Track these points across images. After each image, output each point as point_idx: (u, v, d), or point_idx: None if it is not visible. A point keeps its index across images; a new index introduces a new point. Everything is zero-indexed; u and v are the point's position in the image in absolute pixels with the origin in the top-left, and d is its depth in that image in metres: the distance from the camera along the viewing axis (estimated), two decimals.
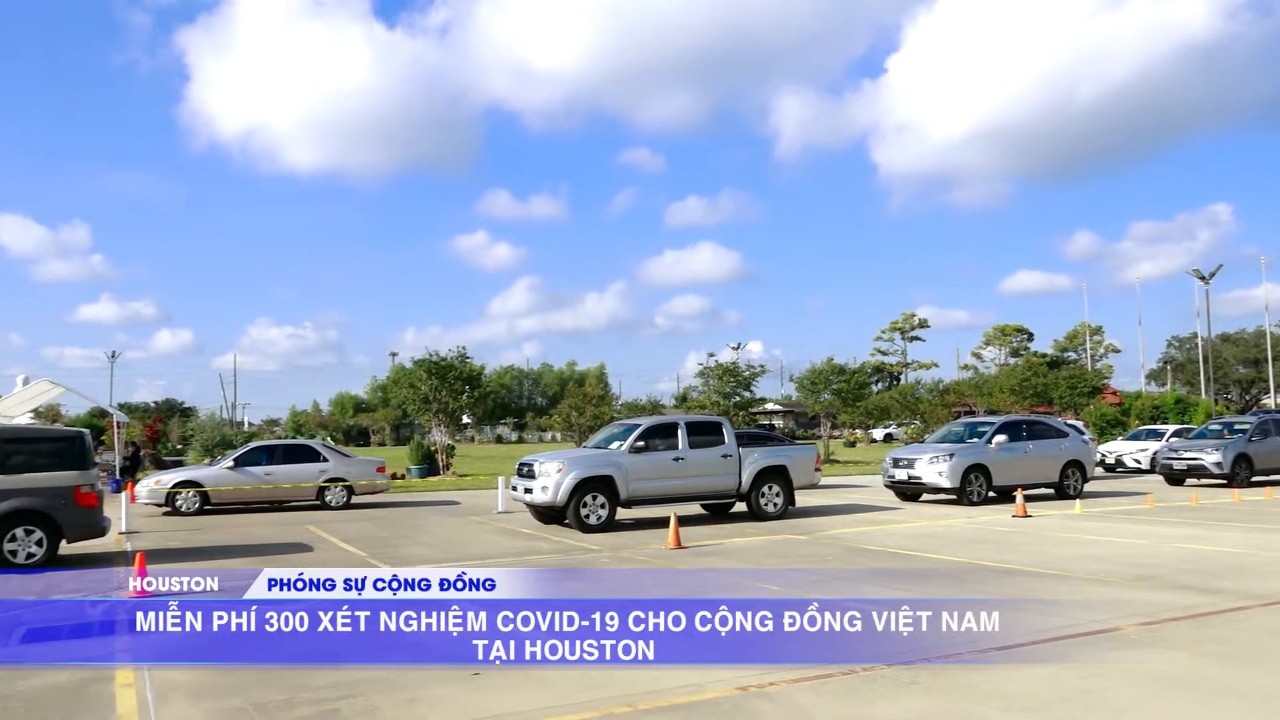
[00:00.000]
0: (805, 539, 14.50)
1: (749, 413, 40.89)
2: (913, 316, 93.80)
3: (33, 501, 11.57)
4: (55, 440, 12.55)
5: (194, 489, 19.50)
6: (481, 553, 13.31)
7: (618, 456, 16.08)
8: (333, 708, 5.92)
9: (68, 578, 11.19)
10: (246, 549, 13.89)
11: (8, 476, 11.54)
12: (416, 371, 33.77)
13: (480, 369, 35.32)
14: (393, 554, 13.16)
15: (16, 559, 11.47)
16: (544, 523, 16.65)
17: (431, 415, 33.65)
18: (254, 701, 6.06)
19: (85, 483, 11.98)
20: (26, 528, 11.55)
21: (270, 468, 20.11)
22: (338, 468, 20.65)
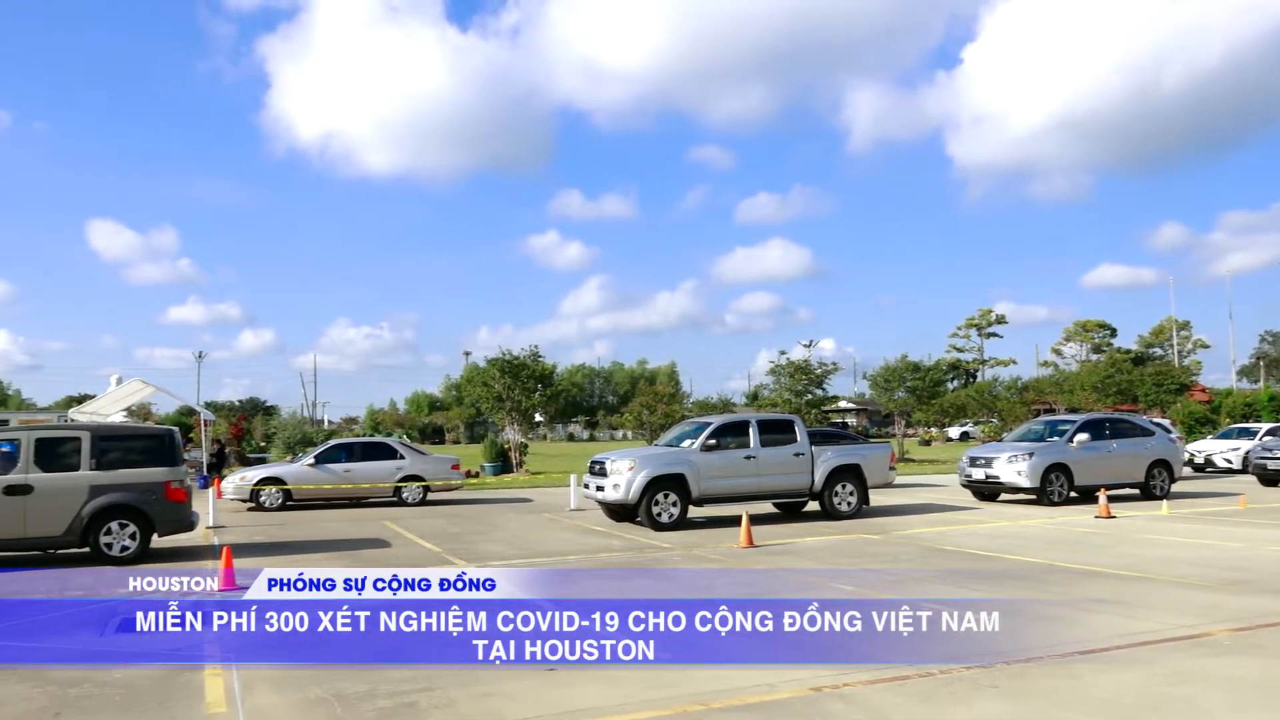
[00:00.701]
0: (879, 539, 14.31)
1: (821, 411, 40.50)
2: (989, 312, 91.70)
3: (126, 496, 12.03)
4: (147, 438, 13.02)
5: (277, 485, 20.05)
6: (554, 549, 13.42)
7: (689, 455, 16.07)
8: (411, 700, 6.04)
9: (159, 571, 11.59)
10: (327, 544, 14.23)
11: (103, 472, 12.02)
12: (490, 370, 34.19)
13: (552, 367, 35.64)
14: (467, 550, 13.35)
15: (112, 552, 11.93)
16: (616, 520, 16.73)
17: (504, 413, 34.04)
18: (335, 692, 6.21)
19: (175, 479, 12.42)
20: (121, 521, 12.01)
21: (349, 465, 20.57)
22: (414, 465, 21.02)
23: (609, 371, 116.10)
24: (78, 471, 11.91)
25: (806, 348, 42.54)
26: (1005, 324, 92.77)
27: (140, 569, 11.59)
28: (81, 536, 11.83)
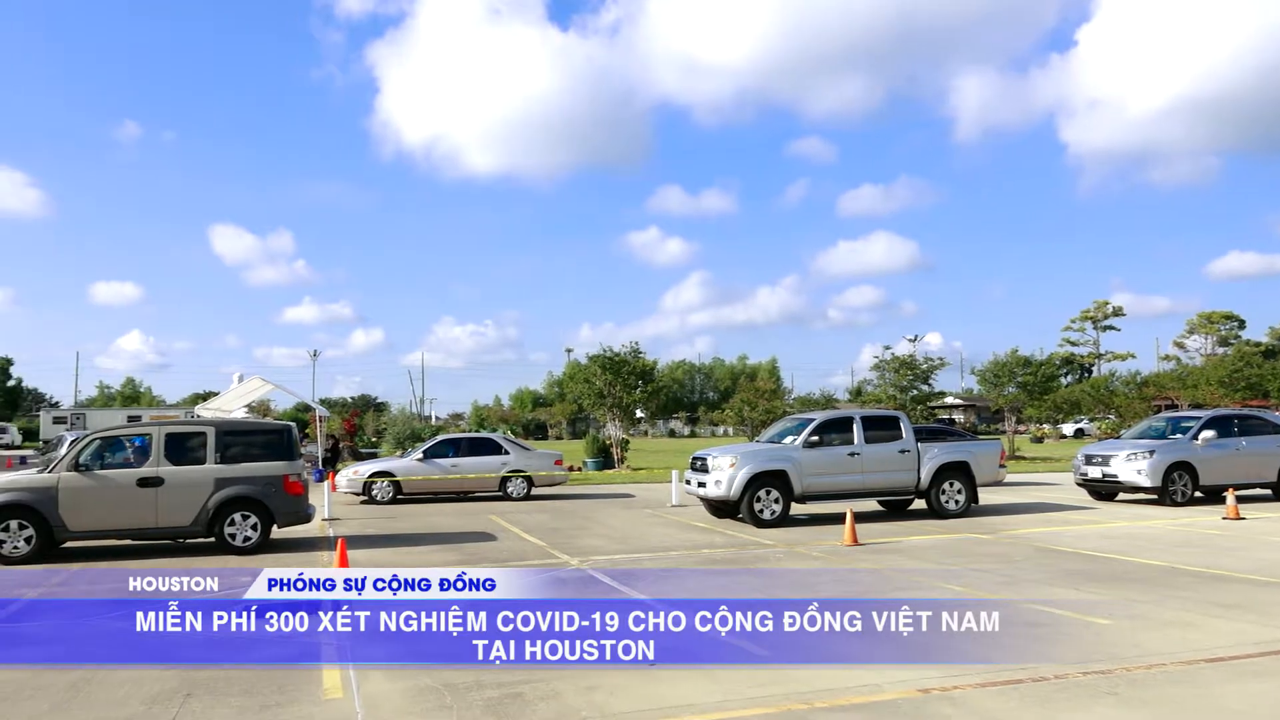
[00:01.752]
0: (989, 538, 13.92)
1: (927, 407, 39.57)
2: (1105, 304, 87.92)
3: (248, 489, 12.59)
4: (266, 433, 13.58)
5: (388, 479, 20.68)
6: (656, 545, 13.48)
7: (791, 451, 15.92)
8: (516, 691, 6.16)
9: (278, 560, 12.11)
10: (436, 536, 14.60)
11: (227, 466, 12.60)
12: (591, 367, 34.51)
13: (653, 364, 35.72)
14: (570, 544, 13.52)
15: (235, 542, 12.50)
16: (717, 517, 16.70)
17: (606, 410, 34.32)
18: (444, 682, 6.37)
19: (293, 472, 12.94)
20: (243, 513, 12.58)
21: (456, 460, 21.06)
22: (518, 460, 21.40)
23: (709, 367, 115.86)
24: (204, 465, 12.52)
25: (912, 342, 41.62)
26: (1123, 316, 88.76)
27: (262, 559, 12.14)
28: (207, 527, 12.43)
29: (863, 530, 14.04)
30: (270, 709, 5.82)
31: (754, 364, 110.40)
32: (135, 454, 12.67)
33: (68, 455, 12.39)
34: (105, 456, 12.55)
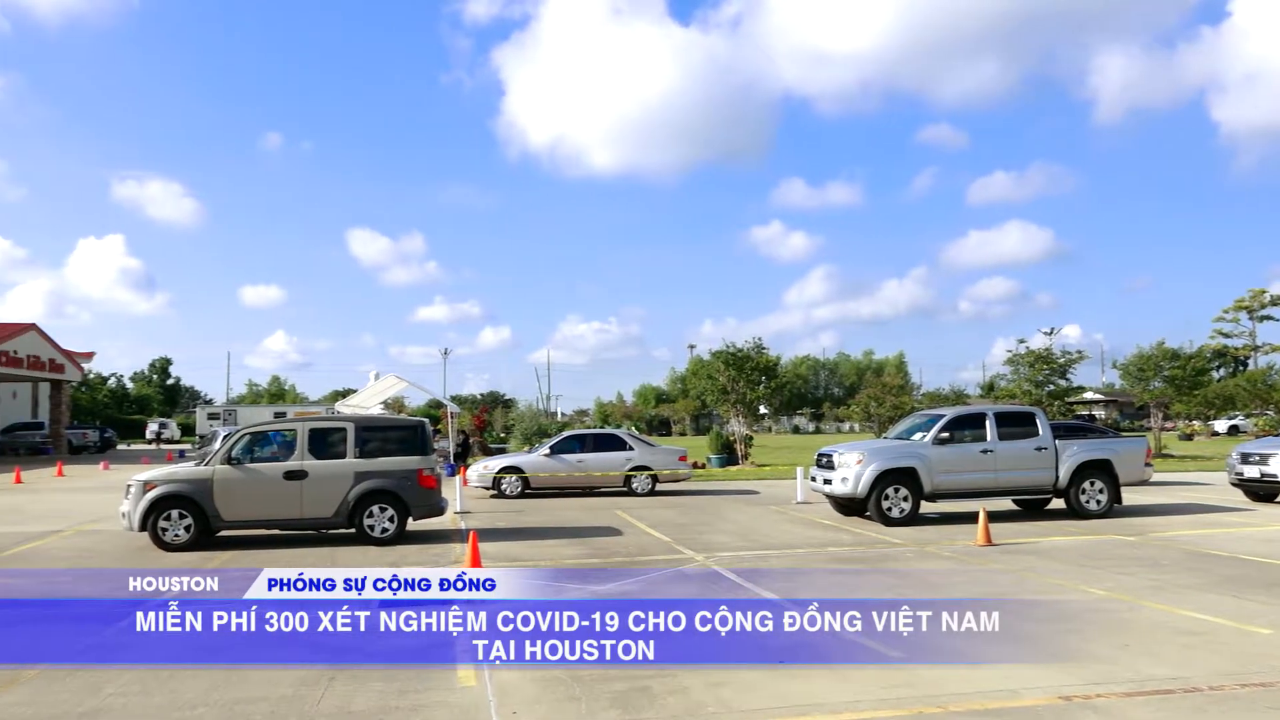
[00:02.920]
0: (1134, 540, 13.26)
1: (1065, 402, 37.90)
2: (1263, 293, 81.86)
3: (385, 482, 13.10)
4: (401, 429, 14.08)
5: (516, 474, 21.14)
6: (781, 542, 13.37)
7: (921, 448, 15.53)
8: (644, 685, 6.22)
9: (413, 551, 12.56)
10: (564, 531, 14.86)
11: (365, 460, 13.14)
12: (714, 363, 34.47)
13: (776, 359, 35.39)
14: (695, 540, 13.55)
15: (374, 533, 13.02)
16: (844, 514, 16.44)
17: (729, 406, 34.22)
18: (573, 674, 6.49)
19: (427, 466, 13.38)
20: (381, 505, 13.08)
21: (582, 455, 21.38)
22: (643, 456, 21.56)
23: (834, 363, 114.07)
24: (344, 460, 13.08)
25: (1048, 335, 39.78)
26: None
27: (399, 549, 12.61)
28: (348, 519, 12.99)
29: (997, 530, 13.59)
30: (409, 694, 6.05)
31: (880, 359, 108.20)
32: (281, 448, 13.34)
33: (221, 449, 13.15)
34: (255, 451, 13.26)
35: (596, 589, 9.72)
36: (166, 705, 5.85)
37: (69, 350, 48.05)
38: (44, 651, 7.23)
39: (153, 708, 5.80)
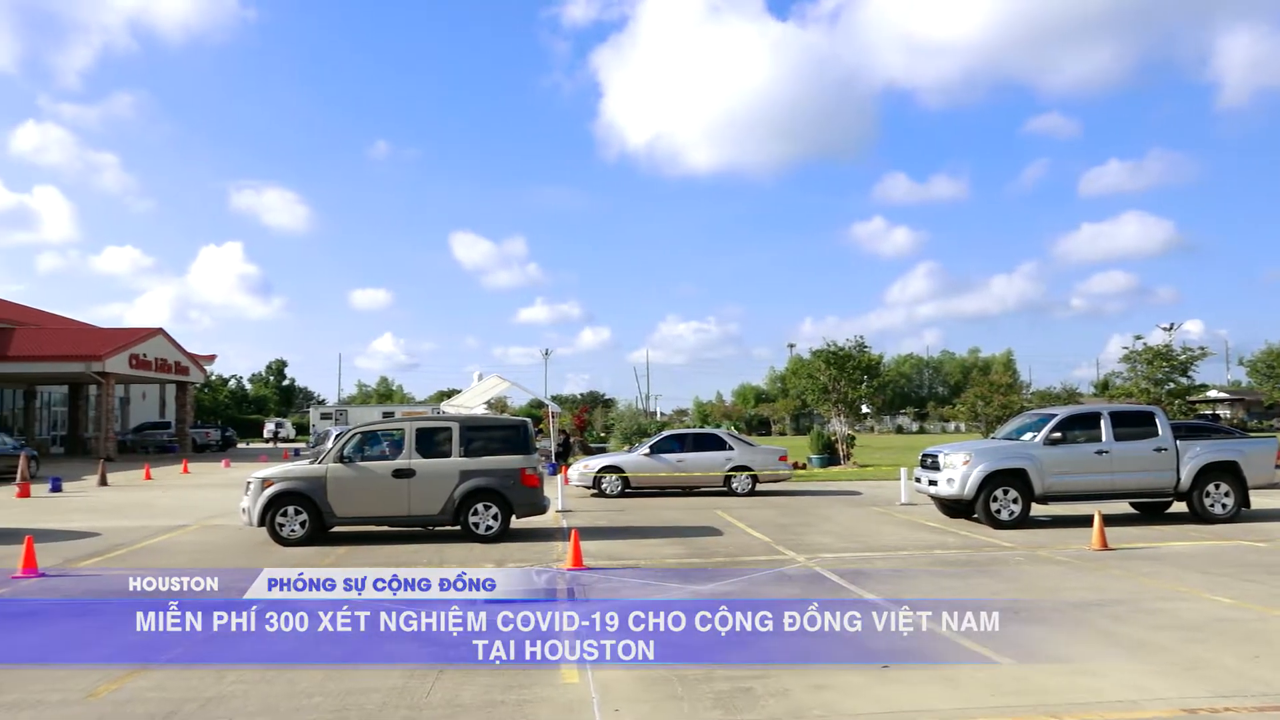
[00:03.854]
0: (1265, 546, 12.58)
1: (1186, 401, 36.17)
2: None
3: (489, 481, 13.36)
4: (504, 428, 14.34)
5: (616, 474, 21.28)
6: (885, 544, 13.13)
7: (1031, 448, 15.05)
8: (746, 686, 6.19)
9: (517, 549, 12.77)
10: (664, 530, 14.90)
11: (469, 459, 13.43)
12: (815, 362, 34.06)
13: (878, 358, 34.77)
14: (797, 541, 13.41)
15: (478, 530, 13.30)
16: (950, 516, 16.05)
17: (830, 405, 33.77)
18: (676, 673, 6.50)
19: (529, 465, 13.60)
20: (485, 503, 13.35)
21: (682, 455, 21.39)
22: (743, 456, 21.44)
23: (939, 361, 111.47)
24: (450, 458, 13.39)
25: (1167, 331, 37.98)
26: None
27: (503, 547, 12.85)
28: (454, 516, 13.29)
29: (1113, 534, 13.07)
30: (513, 689, 6.15)
31: (987, 357, 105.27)
32: (390, 447, 13.73)
33: (334, 448, 13.62)
34: (365, 450, 13.69)
35: (698, 589, 9.73)
36: (284, 694, 6.09)
37: (193, 353, 50.45)
38: (173, 640, 7.61)
39: (272, 696, 6.05)
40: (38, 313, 52.76)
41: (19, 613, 8.79)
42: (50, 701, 5.96)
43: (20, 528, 15.07)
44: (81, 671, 6.68)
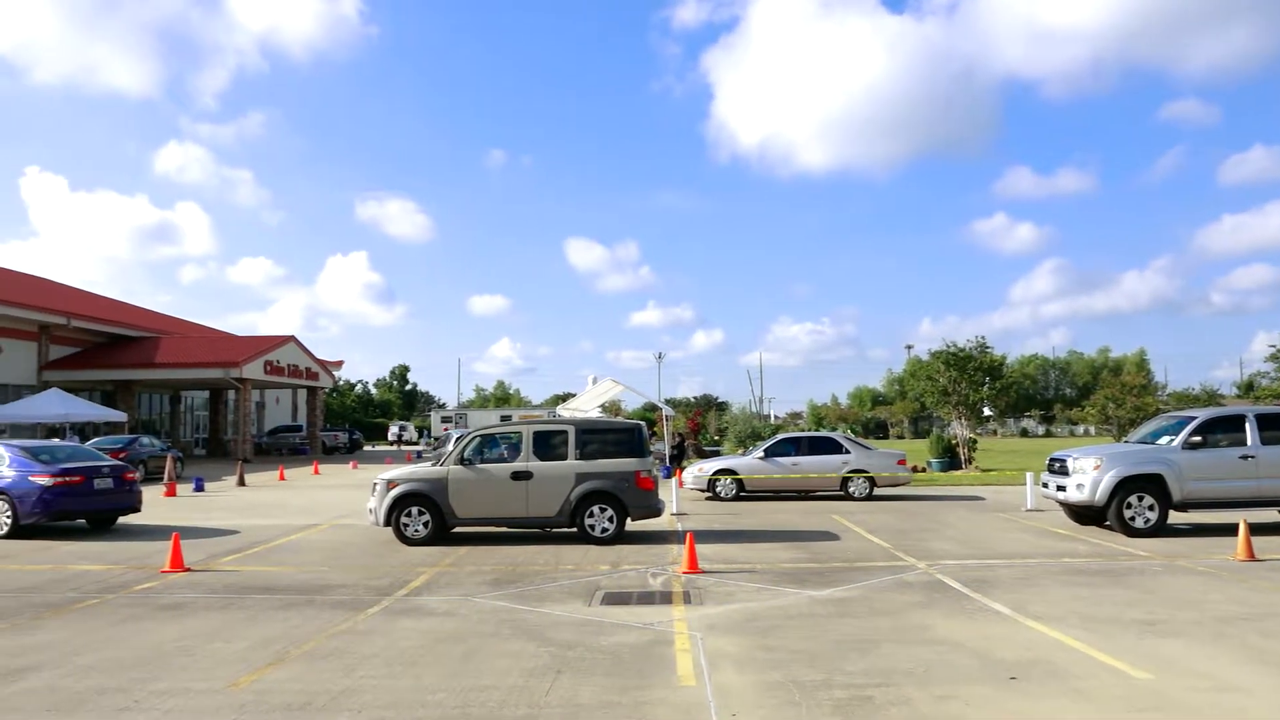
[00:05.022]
0: None
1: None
2: None
3: (605, 484, 13.49)
4: (619, 431, 14.44)
5: (731, 477, 21.20)
6: (1010, 551, 12.69)
7: (1168, 453, 14.31)
8: (866, 694, 6.07)
9: (632, 551, 12.85)
10: (780, 534, 14.76)
11: (585, 462, 13.58)
12: (934, 363, 33.18)
13: (1001, 359, 33.63)
14: (917, 547, 13.10)
15: (594, 533, 13.44)
16: (1080, 523, 15.41)
17: (950, 408, 32.84)
18: (792, 678, 6.43)
19: (644, 469, 13.67)
20: (601, 506, 13.49)
21: (797, 459, 21.14)
22: (859, 460, 21.06)
23: (1066, 362, 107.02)
24: (566, 461, 13.58)
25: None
26: None
27: (618, 549, 12.96)
28: (570, 518, 13.47)
29: (1261, 544, 12.32)
30: (630, 690, 6.19)
31: (1118, 357, 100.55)
32: (508, 450, 14.02)
33: (454, 451, 13.98)
34: (484, 452, 14.00)
35: (814, 594, 9.61)
36: (411, 688, 6.29)
37: (322, 359, 52.62)
38: (307, 634, 7.96)
39: (399, 690, 6.25)
40: (182, 322, 55.99)
41: (167, 605, 9.34)
42: (196, 690, 6.30)
43: (168, 525, 16.00)
44: (224, 662, 7.04)
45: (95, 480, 15.33)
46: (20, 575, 11.32)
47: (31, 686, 6.41)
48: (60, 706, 5.94)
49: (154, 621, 8.57)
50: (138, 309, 54.15)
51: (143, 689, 6.32)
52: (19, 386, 36.41)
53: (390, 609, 9.04)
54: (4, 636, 7.98)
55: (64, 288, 50.00)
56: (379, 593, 9.89)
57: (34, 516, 14.62)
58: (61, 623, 8.55)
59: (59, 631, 8.17)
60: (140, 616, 8.79)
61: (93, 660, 7.13)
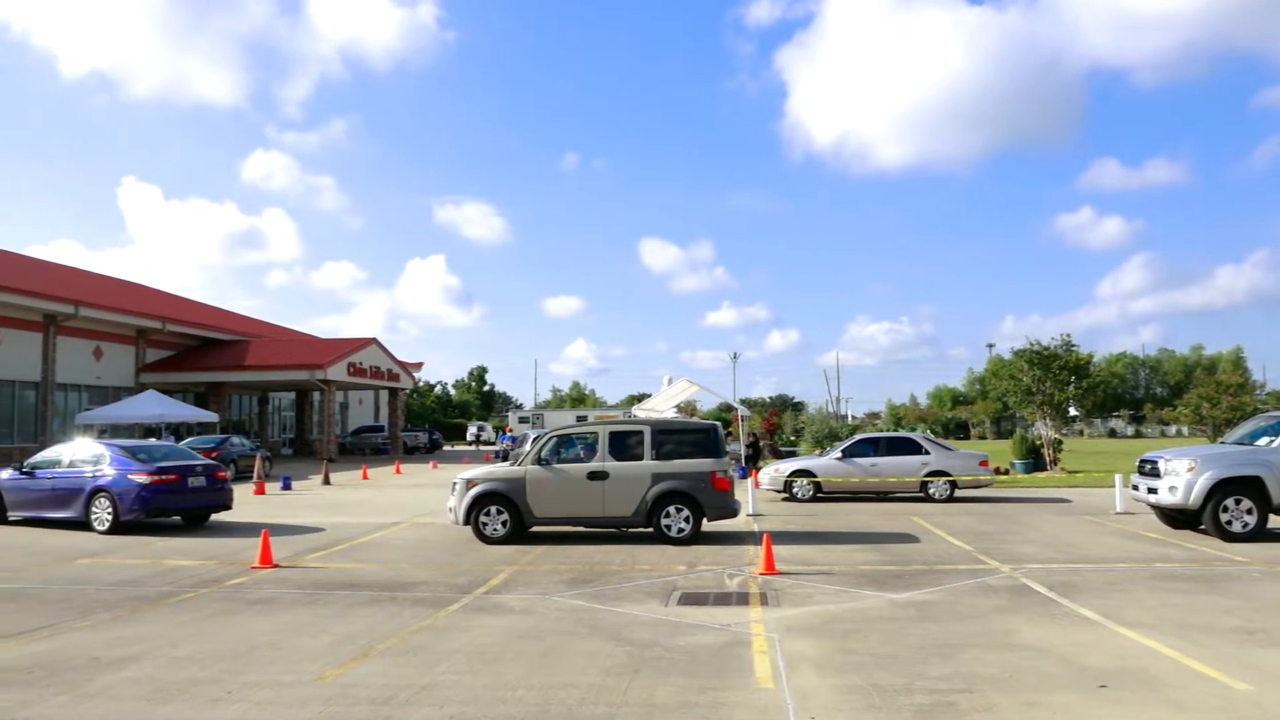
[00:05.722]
0: None
1: None
2: None
3: (680, 484, 13.48)
4: (695, 432, 14.40)
5: (807, 478, 20.99)
6: (1098, 555, 12.32)
7: (1268, 454, 13.71)
8: (949, 700, 5.95)
9: (708, 552, 12.82)
10: (858, 536, 14.57)
11: (661, 462, 13.59)
12: (1017, 362, 32.38)
13: (1088, 357, 32.66)
14: (1000, 550, 12.80)
15: (670, 533, 13.44)
16: (1172, 527, 14.88)
17: (1035, 408, 32.01)
18: (873, 682, 6.34)
19: (720, 469, 13.62)
20: (677, 506, 13.48)
21: (875, 460, 20.83)
22: (939, 461, 20.66)
23: (1156, 360, 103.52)
24: (642, 461, 13.60)
25: None
26: None
27: (694, 550, 12.94)
28: (646, 518, 13.49)
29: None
30: (708, 691, 6.18)
31: (1212, 354, 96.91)
32: (585, 450, 14.10)
33: (531, 451, 14.13)
34: (561, 452, 14.11)
35: (895, 597, 9.46)
36: (491, 685, 6.37)
37: (402, 361, 53.67)
38: (390, 630, 8.13)
39: (479, 687, 6.34)
40: (269, 325, 57.70)
41: (257, 600, 9.63)
42: (285, 682, 6.49)
43: (257, 522, 16.51)
44: (311, 656, 7.24)
45: (189, 479, 15.89)
46: (121, 569, 11.80)
47: (132, 676, 6.67)
48: (158, 696, 6.18)
49: (244, 616, 8.85)
50: (228, 313, 56.01)
51: (234, 680, 6.54)
52: (118, 389, 38.00)
53: (470, 606, 9.18)
54: (107, 628, 8.33)
55: (159, 293, 51.99)
56: (459, 590, 10.05)
57: (133, 513, 15.21)
58: (158, 615, 8.89)
59: (156, 624, 8.49)
60: (232, 611, 9.09)
61: (187, 652, 7.39)
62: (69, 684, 6.48)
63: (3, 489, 16.66)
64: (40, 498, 16.12)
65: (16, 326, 32.80)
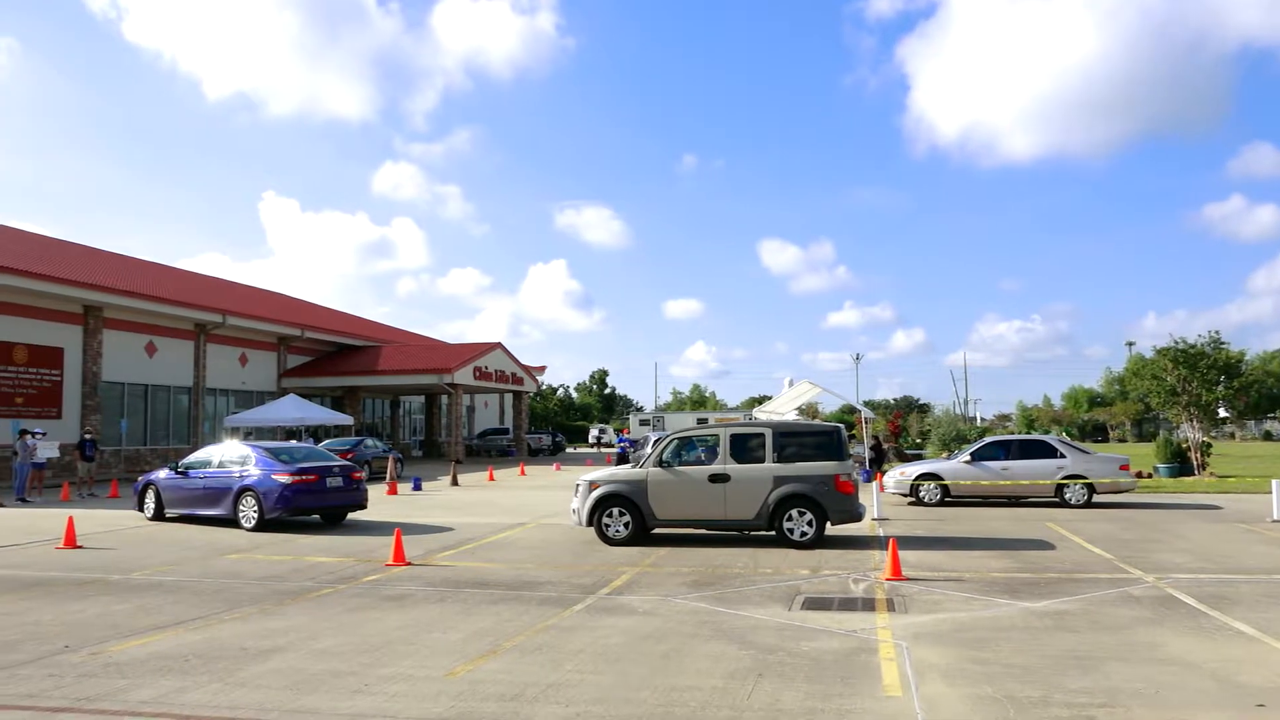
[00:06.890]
0: None
1: None
2: None
3: (803, 487, 13.32)
4: (817, 434, 14.21)
5: (935, 481, 20.44)
6: (1253, 565, 11.58)
7: None
8: (1089, 714, 5.69)
9: (832, 556, 12.63)
10: (988, 542, 14.11)
11: (783, 465, 13.47)
12: (1160, 361, 30.75)
13: (1239, 355, 30.77)
14: (1142, 559, 12.18)
15: (793, 536, 13.31)
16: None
17: (1180, 409, 30.34)
18: (1006, 693, 6.13)
19: (843, 472, 13.40)
20: (799, 509, 13.33)
21: (1007, 463, 20.12)
22: (1076, 464, 19.80)
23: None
24: (763, 464, 13.51)
25: None
26: None
27: (818, 554, 12.78)
28: (768, 521, 13.39)
29: None
30: (833, 698, 6.09)
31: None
32: (706, 453, 14.10)
33: (653, 453, 14.21)
34: (682, 455, 14.15)
35: (1029, 606, 9.12)
36: (615, 685, 6.44)
37: (526, 365, 54.80)
38: (517, 629, 8.31)
39: (604, 686, 6.42)
40: (400, 331, 59.87)
41: (391, 596, 9.99)
42: (417, 677, 6.71)
43: (390, 521, 17.14)
44: (442, 651, 7.47)
45: (327, 479, 16.62)
46: (266, 565, 12.44)
47: (277, 667, 7.03)
48: (300, 686, 6.48)
49: (380, 611, 9.19)
50: (361, 319, 58.37)
51: (371, 673, 6.80)
52: (261, 393, 40.15)
53: (594, 607, 9.30)
54: (254, 620, 8.79)
55: (298, 301, 54.61)
56: (583, 590, 10.19)
57: (276, 511, 16.01)
58: (300, 609, 9.33)
59: (298, 617, 8.91)
60: (368, 606, 9.46)
61: (327, 645, 7.74)
62: (220, 672, 6.87)
63: (161, 488, 17.78)
64: (193, 496, 17.14)
65: (171, 335, 35.14)
